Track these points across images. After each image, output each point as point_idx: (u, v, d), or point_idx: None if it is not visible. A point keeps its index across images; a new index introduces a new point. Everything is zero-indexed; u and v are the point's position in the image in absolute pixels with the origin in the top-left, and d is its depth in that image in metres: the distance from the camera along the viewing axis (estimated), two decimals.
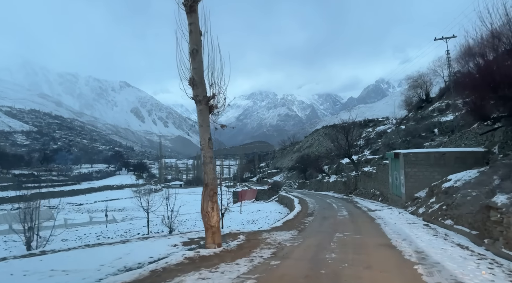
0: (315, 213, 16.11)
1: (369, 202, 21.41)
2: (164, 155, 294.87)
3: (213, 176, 6.17)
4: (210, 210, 6.07)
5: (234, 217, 26.52)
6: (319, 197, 28.12)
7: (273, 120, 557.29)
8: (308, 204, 21.39)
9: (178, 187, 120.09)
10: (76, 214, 49.38)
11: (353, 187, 29.56)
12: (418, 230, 9.66)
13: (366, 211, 15.87)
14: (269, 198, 38.61)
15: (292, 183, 75.07)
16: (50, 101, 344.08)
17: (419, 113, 49.88)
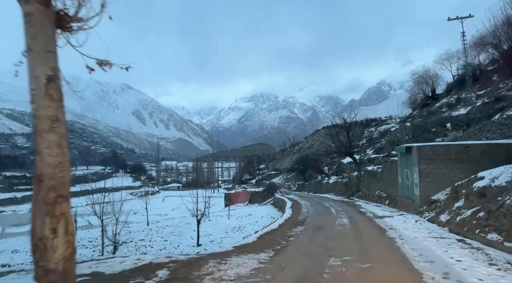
0: (307, 220, 12.77)
1: (374, 205, 18.04)
2: (165, 157, 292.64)
3: (58, 160, 2.90)
4: (49, 235, 2.80)
5: (220, 223, 23.19)
6: (316, 200, 24.77)
7: (275, 123, 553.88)
8: (302, 208, 18.06)
9: (176, 189, 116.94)
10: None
11: (355, 188, 26.19)
12: (455, 250, 6.34)
13: (372, 218, 12.52)
14: (264, 201, 35.28)
15: (291, 185, 71.87)
16: None
17: (425, 110, 46.54)
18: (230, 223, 22.62)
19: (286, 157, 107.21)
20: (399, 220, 11.70)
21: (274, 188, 38.59)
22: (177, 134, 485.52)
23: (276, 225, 11.45)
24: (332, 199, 25.15)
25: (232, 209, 34.18)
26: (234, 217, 26.14)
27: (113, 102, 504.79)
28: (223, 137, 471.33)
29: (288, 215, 14.37)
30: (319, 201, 23.61)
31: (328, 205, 19.78)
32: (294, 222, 12.32)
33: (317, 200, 24.29)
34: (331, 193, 33.33)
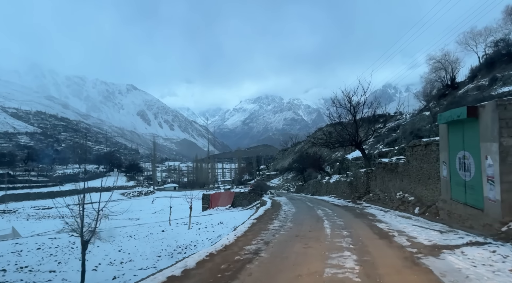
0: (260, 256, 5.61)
1: (398, 216, 10.85)
2: (169, 158, 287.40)
3: None
4: None
5: (171, 237, 16.13)
6: (309, 204, 17.67)
7: (279, 124, 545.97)
8: (275, 219, 10.93)
9: (172, 190, 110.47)
10: (17, 221, 39.37)
11: (363, 188, 19.01)
12: None
13: (414, 256, 5.32)
14: (250, 204, 28.19)
15: (290, 186, 65.07)
16: (57, 104, 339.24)
17: (443, 101, 39.23)
18: (184, 237, 15.58)
19: (287, 156, 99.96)
20: (487, 263, 4.59)
21: (262, 188, 31.54)
22: (182, 135, 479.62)
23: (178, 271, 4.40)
24: (331, 203, 18.01)
25: (206, 214, 27.17)
26: (200, 226, 19.13)
27: (118, 102, 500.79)
28: (227, 139, 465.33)
29: (228, 239, 7.24)
30: (312, 206, 16.49)
31: (323, 213, 12.65)
32: (222, 262, 5.22)
33: (310, 205, 17.18)
34: (331, 195, 26.17)
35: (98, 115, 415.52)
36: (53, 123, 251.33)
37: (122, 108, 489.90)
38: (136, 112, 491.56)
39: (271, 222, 10.15)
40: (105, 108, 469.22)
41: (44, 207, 58.85)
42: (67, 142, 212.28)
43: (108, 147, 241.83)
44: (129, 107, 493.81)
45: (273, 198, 23.56)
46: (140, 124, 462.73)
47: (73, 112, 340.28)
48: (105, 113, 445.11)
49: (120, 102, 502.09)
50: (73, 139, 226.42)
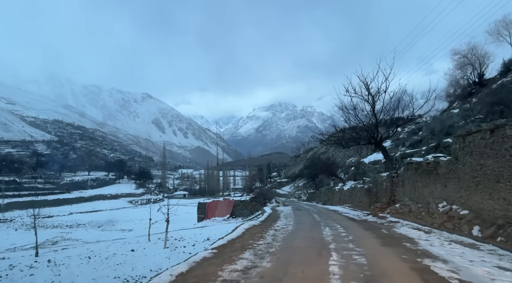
0: None
1: (450, 242, 6.76)
2: (182, 165, 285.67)
3: None
4: None
5: (132, 261, 12.30)
6: (316, 218, 13.64)
7: (293, 132, 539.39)
8: (252, 247, 6.95)
9: (182, 198, 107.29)
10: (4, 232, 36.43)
11: (386, 197, 14.88)
12: None
13: None
14: (251, 214, 24.17)
15: (302, 194, 61.00)
16: (74, 112, 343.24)
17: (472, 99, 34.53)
18: (149, 262, 11.73)
19: (299, 163, 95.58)
20: None
21: (266, 196, 27.43)
22: (195, 143, 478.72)
23: None
24: (344, 216, 13.92)
25: (200, 226, 23.32)
26: (181, 243, 15.38)
27: (133, 111, 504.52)
28: (240, 147, 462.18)
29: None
30: (319, 220, 12.46)
31: (331, 235, 8.57)
32: None
33: (316, 218, 13.15)
34: (345, 204, 22.00)
35: (114, 123, 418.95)
36: (69, 132, 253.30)
37: (137, 117, 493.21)
38: (151, 121, 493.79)
39: (241, 253, 6.19)
40: (120, 117, 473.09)
41: (45, 215, 56.09)
42: (83, 149, 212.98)
43: (123, 155, 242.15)
44: (144, 116, 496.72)
45: (275, 208, 19.57)
46: (154, 132, 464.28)
47: (90, 120, 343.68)
48: (121, 122, 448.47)
49: (136, 111, 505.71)
50: (89, 147, 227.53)
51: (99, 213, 64.09)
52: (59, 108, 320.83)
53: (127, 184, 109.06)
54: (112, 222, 47.74)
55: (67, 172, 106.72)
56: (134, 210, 70.99)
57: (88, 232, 33.20)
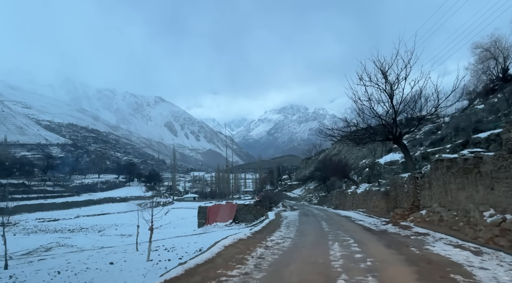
0: None
1: None
2: (194, 168, 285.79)
3: None
4: None
5: (102, 279, 10.30)
6: (324, 226, 11.44)
7: (304, 135, 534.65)
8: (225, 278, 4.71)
9: (192, 200, 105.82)
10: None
11: (408, 202, 12.54)
12: None
13: None
14: (256, 219, 22.00)
15: (313, 197, 58.56)
16: (88, 116, 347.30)
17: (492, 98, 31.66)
18: (119, 281, 9.67)
19: (310, 165, 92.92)
20: None
21: (272, 200, 25.13)
22: (207, 145, 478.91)
23: None
24: (359, 225, 11.64)
25: (199, 232, 21.26)
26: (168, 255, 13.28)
27: (146, 114, 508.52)
28: (252, 149, 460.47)
29: None
30: (328, 230, 10.23)
31: (340, 254, 6.33)
32: None
33: (324, 228, 10.91)
34: (359, 209, 19.65)
35: (127, 127, 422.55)
36: (83, 135, 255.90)
37: (150, 120, 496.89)
38: (163, 124, 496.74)
39: None
40: (134, 120, 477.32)
41: (50, 219, 55.11)
42: (97, 153, 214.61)
43: (136, 158, 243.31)
44: (157, 119, 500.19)
45: (279, 214, 17.39)
46: (167, 135, 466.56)
47: (103, 124, 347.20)
48: (134, 125, 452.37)
49: (148, 114, 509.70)
50: (102, 151, 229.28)
51: (106, 216, 62.91)
52: (74, 112, 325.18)
53: (137, 187, 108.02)
54: (117, 225, 46.27)
55: (78, 175, 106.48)
56: (142, 213, 69.65)
57: (87, 237, 31.54)
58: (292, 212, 20.71)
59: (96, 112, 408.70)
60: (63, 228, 42.45)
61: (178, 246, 15.77)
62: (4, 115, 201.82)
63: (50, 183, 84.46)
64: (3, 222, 15.78)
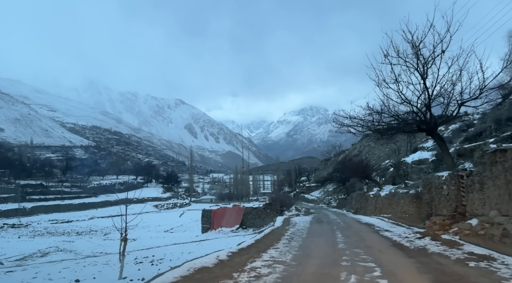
0: None
1: None
2: (214, 170, 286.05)
3: None
4: None
5: None
6: (339, 240, 8.69)
7: (324, 136, 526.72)
8: None
9: (209, 202, 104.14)
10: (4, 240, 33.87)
11: (448, 208, 9.65)
12: None
13: None
14: (265, 224, 19.38)
15: (332, 200, 55.45)
16: (111, 119, 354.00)
17: None
18: None
19: (329, 167, 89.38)
20: None
21: (283, 202, 22.34)
22: (227, 147, 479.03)
23: None
24: (385, 238, 8.88)
25: (200, 239, 18.86)
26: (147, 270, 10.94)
27: (167, 116, 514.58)
28: (271, 151, 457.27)
29: None
30: (343, 246, 7.51)
31: None
32: None
33: (339, 243, 8.18)
34: (382, 214, 16.78)
35: (149, 129, 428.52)
36: (107, 137, 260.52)
37: (170, 122, 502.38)
38: (183, 126, 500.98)
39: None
40: (155, 122, 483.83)
41: (63, 220, 54.18)
42: (119, 154, 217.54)
43: (157, 159, 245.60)
44: (177, 121, 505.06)
45: (289, 219, 14.77)
46: (187, 137, 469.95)
47: (126, 126, 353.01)
48: (155, 127, 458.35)
49: (169, 117, 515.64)
50: (125, 152, 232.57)
51: (120, 217, 61.67)
52: (97, 114, 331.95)
53: (154, 188, 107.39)
54: (128, 227, 44.64)
55: (96, 176, 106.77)
56: (157, 214, 68.22)
57: (90, 241, 29.80)
58: (305, 217, 18.05)
59: (119, 115, 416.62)
60: (72, 231, 41.12)
61: (169, 257, 13.45)
62: (31, 118, 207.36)
63: (67, 184, 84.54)
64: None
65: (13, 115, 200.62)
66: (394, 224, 13.07)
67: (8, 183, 72.09)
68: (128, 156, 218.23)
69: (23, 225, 46.02)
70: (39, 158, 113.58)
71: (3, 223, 45.96)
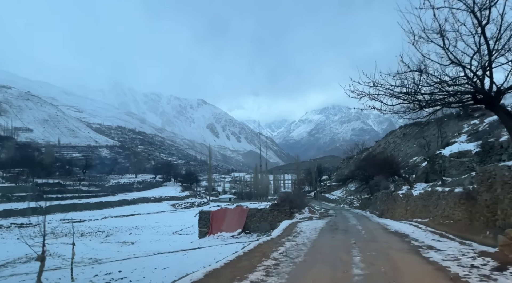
0: None
1: None
2: (235, 169, 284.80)
3: None
4: None
5: None
6: (356, 271, 5.06)
7: (347, 135, 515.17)
8: None
9: (227, 201, 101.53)
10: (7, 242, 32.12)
11: None
12: None
13: None
14: (272, 228, 16.00)
15: (354, 200, 51.43)
16: (135, 119, 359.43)
17: None
18: None
19: (351, 165, 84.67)
20: None
21: (293, 203, 18.68)
22: (248, 147, 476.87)
23: None
24: (430, 264, 5.21)
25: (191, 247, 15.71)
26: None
27: (190, 116, 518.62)
28: (293, 150, 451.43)
29: None
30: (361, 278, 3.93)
31: None
32: None
33: (357, 276, 4.59)
34: (415, 219, 13.05)
35: (172, 129, 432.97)
36: (131, 137, 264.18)
37: (193, 122, 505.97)
38: (205, 126, 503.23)
39: None
40: (178, 122, 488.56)
41: (75, 220, 52.42)
42: (143, 154, 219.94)
43: (180, 159, 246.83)
44: (200, 121, 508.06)
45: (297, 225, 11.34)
46: (209, 137, 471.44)
47: (149, 126, 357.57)
48: (178, 127, 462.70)
49: (192, 117, 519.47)
50: (148, 152, 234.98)
51: (135, 217, 59.66)
52: (122, 115, 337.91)
53: (173, 187, 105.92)
54: (136, 228, 42.48)
55: (116, 175, 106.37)
56: (172, 214, 66.07)
57: (86, 244, 27.22)
58: (318, 221, 14.60)
59: (143, 115, 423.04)
60: (78, 231, 39.02)
61: (137, 275, 10.35)
62: (58, 119, 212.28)
63: (85, 183, 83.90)
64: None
65: (41, 116, 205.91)
66: (436, 234, 9.40)
67: (26, 182, 71.89)
68: (151, 156, 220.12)
69: (32, 224, 44.52)
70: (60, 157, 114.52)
71: (11, 222, 44.66)
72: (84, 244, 26.96)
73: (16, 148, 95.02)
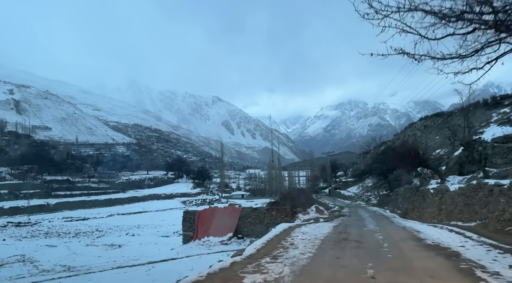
0: None
1: None
2: (250, 166, 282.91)
3: None
4: None
5: None
6: None
7: (363, 131, 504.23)
8: None
9: (240, 198, 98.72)
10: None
11: None
12: None
13: None
14: (265, 231, 12.69)
15: (372, 196, 47.59)
16: (151, 117, 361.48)
17: None
18: None
19: (368, 160, 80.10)
20: None
21: (296, 201, 15.16)
22: (263, 143, 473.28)
23: None
24: None
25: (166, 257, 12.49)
26: None
27: (205, 114, 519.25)
28: (308, 146, 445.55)
29: None
30: None
31: None
32: None
33: None
34: (453, 222, 9.36)
35: (187, 126, 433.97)
36: (147, 135, 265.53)
37: (208, 119, 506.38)
38: (220, 123, 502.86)
39: None
40: (193, 120, 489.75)
41: (79, 217, 50.28)
42: (159, 151, 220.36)
43: (195, 156, 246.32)
44: (215, 118, 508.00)
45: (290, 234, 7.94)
46: (224, 133, 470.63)
47: (165, 124, 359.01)
48: (193, 125, 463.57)
49: (207, 114, 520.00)
50: (164, 149, 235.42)
51: (141, 214, 57.14)
52: (139, 113, 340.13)
53: (185, 184, 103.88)
54: (138, 227, 39.88)
55: (127, 171, 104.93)
56: (180, 212, 63.43)
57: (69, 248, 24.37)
58: (325, 224, 11.22)
59: (159, 113, 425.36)
60: (75, 230, 36.63)
61: None
62: (76, 117, 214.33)
63: (95, 180, 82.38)
64: None
65: (60, 115, 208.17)
66: (498, 249, 5.86)
67: (35, 179, 70.69)
68: (167, 153, 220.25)
69: (31, 223, 42.44)
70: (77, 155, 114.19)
71: (7, 221, 42.61)
72: (67, 247, 24.31)
73: (30, 145, 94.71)
